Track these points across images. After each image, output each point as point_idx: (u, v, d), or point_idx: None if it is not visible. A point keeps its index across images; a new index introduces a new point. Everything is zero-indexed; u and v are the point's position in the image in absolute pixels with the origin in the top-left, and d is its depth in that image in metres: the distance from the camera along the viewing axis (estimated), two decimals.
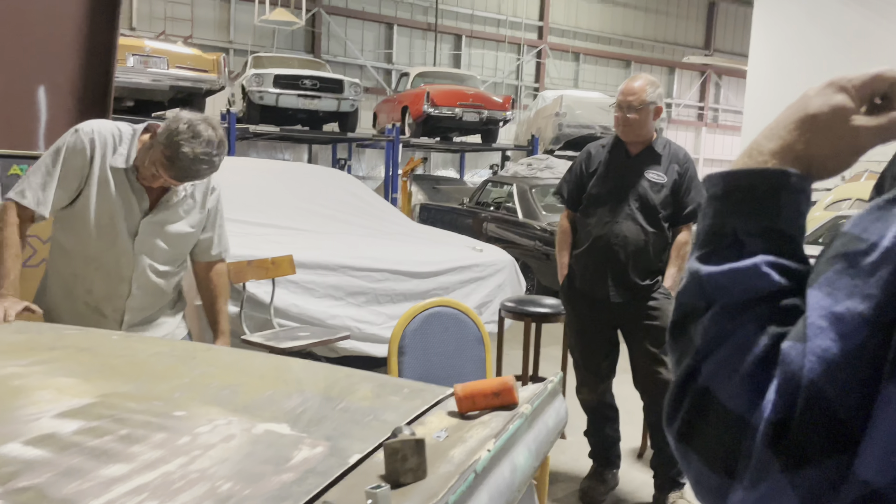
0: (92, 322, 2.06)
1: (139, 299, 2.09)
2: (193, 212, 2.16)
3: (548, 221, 6.78)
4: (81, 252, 2.02)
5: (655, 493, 2.98)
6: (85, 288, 2.05)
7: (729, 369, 0.53)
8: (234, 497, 0.84)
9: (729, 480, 0.52)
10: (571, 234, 3.01)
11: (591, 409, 3.07)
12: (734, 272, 0.55)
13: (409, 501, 0.89)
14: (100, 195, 1.97)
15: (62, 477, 0.84)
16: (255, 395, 1.23)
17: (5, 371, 1.25)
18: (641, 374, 2.88)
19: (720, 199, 0.59)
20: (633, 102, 2.75)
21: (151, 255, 2.08)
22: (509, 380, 1.30)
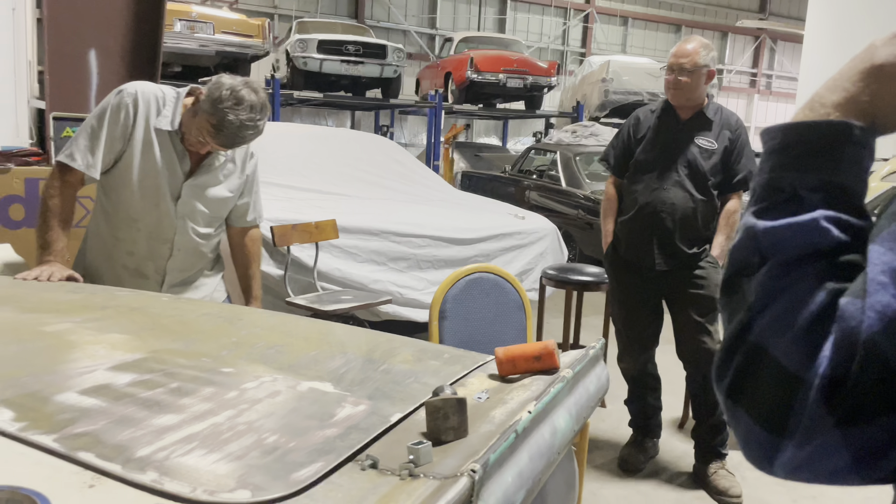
0: (132, 283, 2.10)
1: (180, 261, 2.12)
2: (233, 176, 2.18)
3: (591, 190, 6.69)
4: (124, 214, 2.04)
5: (696, 464, 2.97)
6: (126, 250, 2.08)
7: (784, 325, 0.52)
8: (280, 448, 0.87)
9: (778, 438, 0.51)
10: (617, 201, 2.96)
11: (632, 378, 3.06)
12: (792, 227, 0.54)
13: (450, 458, 0.90)
14: (144, 157, 1.99)
15: (116, 425, 0.87)
16: (300, 356, 1.25)
17: (61, 327, 1.29)
18: (685, 343, 2.84)
19: (779, 152, 0.58)
20: (685, 65, 2.67)
21: (192, 218, 2.10)
22: (550, 344, 1.30)
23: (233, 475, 0.79)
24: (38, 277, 1.80)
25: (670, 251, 2.77)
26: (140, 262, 2.10)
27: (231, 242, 2.35)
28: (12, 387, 0.96)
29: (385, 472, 0.86)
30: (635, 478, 2.97)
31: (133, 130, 1.97)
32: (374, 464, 0.87)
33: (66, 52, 3.62)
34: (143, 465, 0.79)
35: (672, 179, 2.75)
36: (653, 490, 2.88)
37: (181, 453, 0.82)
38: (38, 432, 0.83)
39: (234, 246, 2.35)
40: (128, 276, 2.10)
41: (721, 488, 2.82)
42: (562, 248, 4.81)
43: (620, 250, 2.92)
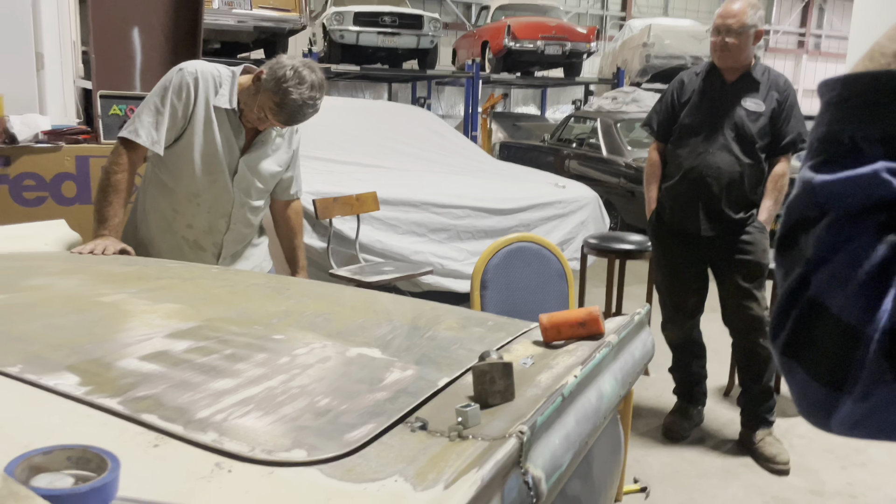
0: (190, 255, 2.18)
1: (235, 233, 2.20)
2: (281, 151, 2.23)
3: (633, 157, 6.59)
4: (185, 189, 2.11)
5: (742, 431, 2.94)
6: (185, 223, 2.15)
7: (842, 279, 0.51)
8: (333, 411, 0.89)
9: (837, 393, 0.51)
10: (660, 167, 2.91)
11: (676, 346, 3.04)
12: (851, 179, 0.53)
13: (497, 421, 0.91)
14: (205, 134, 2.05)
15: (176, 388, 0.91)
16: (347, 323, 1.27)
17: (118, 297, 1.34)
18: (731, 309, 2.81)
19: (837, 104, 0.56)
20: (732, 25, 2.60)
21: (247, 192, 2.17)
22: (595, 310, 1.30)
23: (288, 436, 0.82)
24: (93, 251, 1.86)
25: (716, 216, 2.73)
26: (199, 235, 2.17)
27: (275, 216, 2.40)
28: (76, 353, 1.00)
29: (434, 433, 0.88)
30: (680, 445, 2.96)
31: (194, 108, 2.03)
32: (423, 425, 0.89)
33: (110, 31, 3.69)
34: (204, 426, 0.82)
35: (718, 143, 2.70)
36: (698, 457, 2.87)
37: (238, 415, 0.85)
38: (102, 396, 0.87)
39: (277, 219, 2.40)
40: (187, 249, 2.18)
41: (768, 455, 2.79)
42: (603, 216, 4.76)
43: (665, 216, 2.88)
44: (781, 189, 2.74)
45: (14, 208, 3.12)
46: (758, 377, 2.82)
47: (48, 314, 1.18)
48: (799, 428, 3.13)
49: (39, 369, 0.93)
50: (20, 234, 2.04)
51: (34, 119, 3.20)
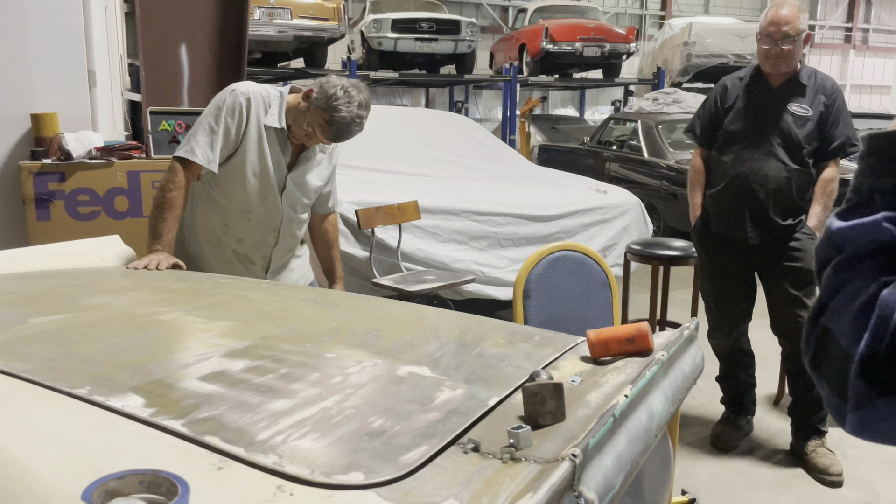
0: (239, 268, 2.25)
1: (283, 247, 2.27)
2: (322, 166, 2.31)
3: (675, 159, 6.50)
4: (237, 205, 2.18)
5: (793, 441, 2.89)
6: (236, 238, 2.23)
7: (842, 311, 0.62)
8: (387, 432, 0.91)
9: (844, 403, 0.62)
10: (704, 173, 2.88)
11: (724, 354, 2.99)
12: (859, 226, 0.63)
13: (549, 442, 0.92)
14: (258, 152, 2.13)
15: (236, 409, 0.94)
16: (396, 340, 1.29)
17: (174, 315, 1.38)
18: (780, 318, 2.75)
19: (863, 158, 0.66)
20: (789, 32, 2.55)
21: (294, 207, 2.24)
22: (644, 326, 1.29)
23: (345, 457, 0.84)
24: (147, 266, 1.93)
25: (763, 224, 2.68)
26: (249, 249, 2.24)
27: (312, 229, 2.47)
28: (140, 374, 1.04)
29: (487, 455, 0.89)
30: (729, 455, 2.91)
31: (247, 127, 2.10)
32: (475, 447, 0.90)
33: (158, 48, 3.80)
34: (264, 447, 0.84)
35: (764, 149, 2.65)
36: (748, 468, 2.82)
37: (296, 437, 0.88)
38: (167, 417, 0.90)
39: (315, 231, 2.48)
40: (237, 262, 2.25)
41: (821, 466, 2.73)
42: (646, 221, 4.71)
43: (710, 224, 2.84)
44: (831, 194, 2.68)
45: (70, 222, 3.23)
46: (809, 387, 2.76)
47: (111, 333, 1.22)
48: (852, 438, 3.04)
49: (106, 391, 0.97)
50: (78, 251, 2.12)
51: (87, 136, 3.31)
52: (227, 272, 2.23)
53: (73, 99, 3.54)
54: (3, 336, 1.18)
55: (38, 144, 3.32)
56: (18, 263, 1.93)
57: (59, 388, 0.97)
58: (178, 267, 1.98)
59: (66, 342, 1.16)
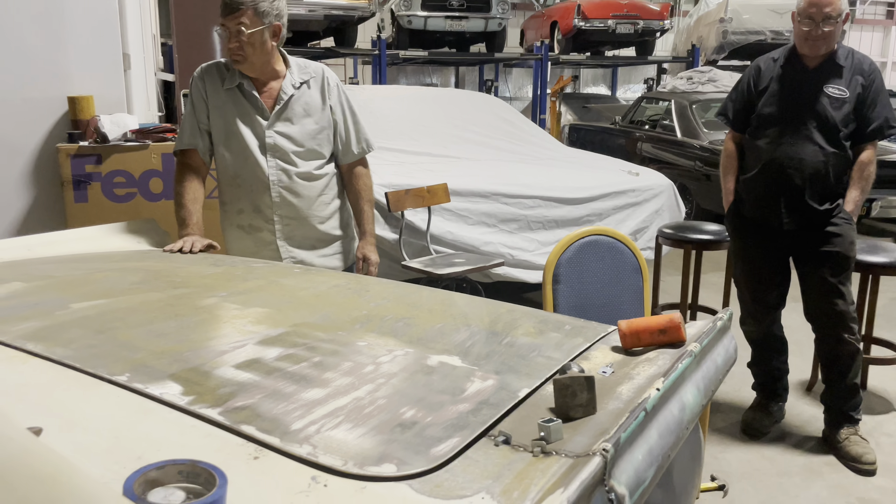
0: (250, 240, 2.27)
1: (285, 207, 2.23)
2: (314, 109, 2.26)
3: (709, 140, 6.39)
4: (225, 176, 2.24)
5: (826, 429, 2.85)
6: (236, 209, 2.26)
7: None
8: (419, 423, 0.92)
9: None
10: (737, 157, 2.83)
11: (756, 341, 2.95)
12: None
13: (580, 436, 0.92)
14: (223, 119, 2.18)
15: (270, 398, 0.96)
16: (427, 328, 1.30)
17: (210, 301, 1.41)
18: (815, 305, 2.71)
19: None
20: (830, 13, 2.47)
21: (285, 159, 2.21)
22: (676, 317, 1.28)
23: (377, 449, 0.85)
24: (181, 249, 1.96)
25: (799, 209, 2.63)
26: (251, 218, 2.26)
27: (343, 180, 2.41)
28: (177, 361, 1.06)
29: (517, 448, 0.90)
30: (760, 442, 2.89)
31: (208, 99, 2.19)
32: (506, 440, 0.91)
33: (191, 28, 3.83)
34: (299, 438, 0.86)
35: (800, 133, 2.59)
36: (779, 455, 2.80)
37: (330, 427, 0.89)
38: (204, 406, 0.93)
39: (345, 183, 2.42)
40: (244, 235, 2.28)
41: (854, 455, 2.70)
42: (679, 204, 4.65)
43: (744, 210, 2.79)
44: (868, 177, 2.62)
45: (106, 204, 3.29)
46: (842, 374, 2.72)
47: (148, 320, 1.25)
48: (887, 426, 3.01)
49: (145, 378, 1.00)
50: (114, 233, 2.16)
51: (123, 118, 3.36)
52: (244, 248, 2.27)
53: (109, 82, 3.59)
54: (45, 321, 1.21)
55: (75, 127, 3.38)
56: (57, 246, 1.98)
57: (100, 375, 1.00)
58: (211, 247, 2.02)
59: (105, 328, 1.19)
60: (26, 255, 1.86)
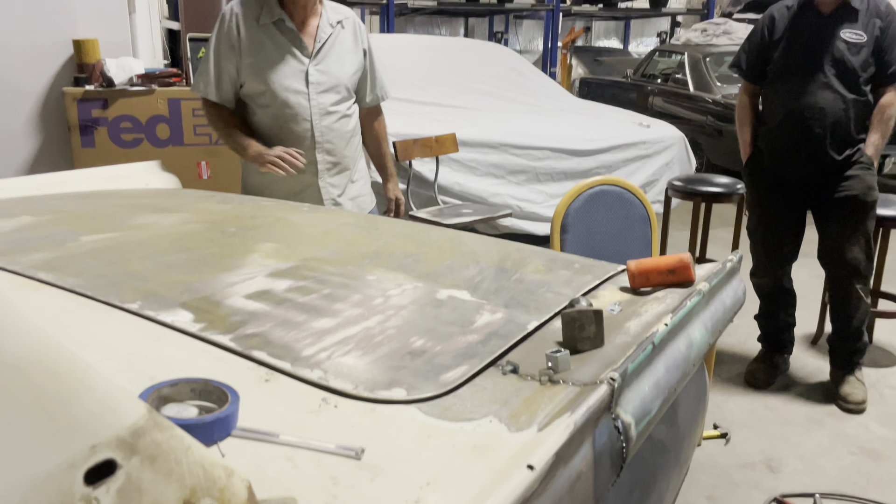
0: (291, 183, 2.21)
1: (326, 145, 2.20)
2: (350, 52, 2.24)
3: (722, 94, 6.29)
4: (264, 117, 2.15)
5: (830, 371, 2.89)
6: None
7: None
8: (428, 352, 0.92)
9: None
10: (752, 109, 2.78)
11: (766, 294, 2.95)
12: None
13: (587, 367, 0.93)
14: (260, 55, 2.09)
15: (281, 327, 0.96)
16: (436, 264, 1.30)
17: (218, 236, 1.41)
18: (830, 251, 2.71)
19: None
20: None
21: (326, 98, 2.17)
22: (686, 257, 1.28)
23: (387, 375, 0.86)
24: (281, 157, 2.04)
25: (820, 160, 2.59)
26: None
27: (361, 125, 2.39)
28: (188, 291, 1.07)
29: (525, 377, 0.90)
30: (763, 392, 2.91)
31: (241, 35, 2.08)
32: (514, 369, 0.92)
33: None
34: (310, 363, 0.87)
35: (818, 82, 2.54)
36: (781, 405, 2.82)
37: (340, 354, 0.90)
38: (215, 332, 0.93)
39: (363, 128, 2.40)
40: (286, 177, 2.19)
41: (843, 393, 2.78)
42: (689, 157, 4.60)
43: (763, 162, 2.76)
44: (888, 121, 2.58)
45: (113, 149, 3.28)
46: (849, 319, 2.75)
47: (158, 252, 1.25)
48: (890, 378, 3.02)
49: (156, 306, 1.00)
50: (121, 175, 2.16)
51: (128, 62, 3.33)
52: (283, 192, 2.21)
53: (113, 25, 3.54)
54: (55, 252, 1.22)
55: (81, 71, 3.35)
56: (65, 186, 1.98)
57: (112, 303, 1.01)
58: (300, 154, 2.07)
59: (116, 260, 1.20)
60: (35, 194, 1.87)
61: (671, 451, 1.29)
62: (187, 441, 0.52)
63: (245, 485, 0.56)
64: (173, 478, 0.50)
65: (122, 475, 0.47)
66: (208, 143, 3.39)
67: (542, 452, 0.69)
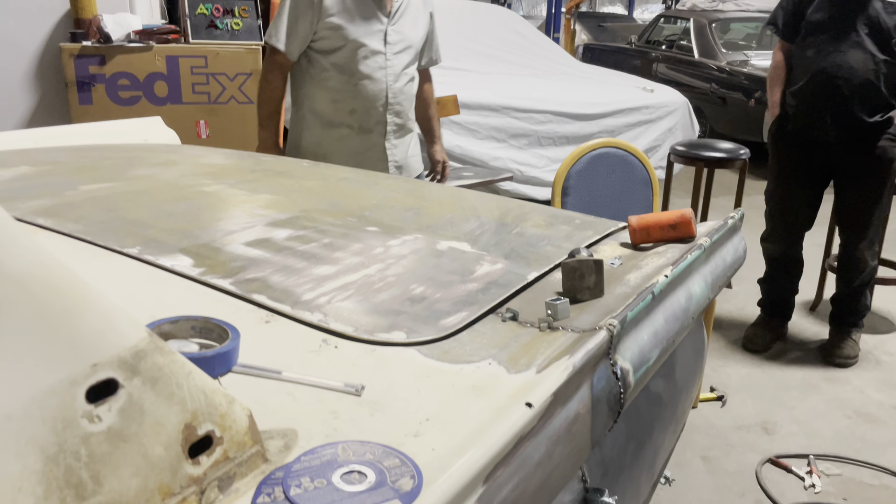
0: (357, 141, 2.19)
1: (396, 107, 2.19)
2: (421, 14, 2.25)
3: (727, 60, 6.22)
4: (338, 76, 2.11)
5: (831, 329, 2.93)
6: (348, 109, 2.15)
7: None
8: (428, 299, 0.92)
9: None
10: (785, 69, 2.75)
11: (775, 259, 2.95)
12: None
13: (587, 315, 0.93)
14: (340, 13, 2.06)
15: (281, 272, 0.96)
16: (436, 218, 1.30)
17: (218, 188, 1.40)
18: (847, 216, 2.73)
19: None
20: None
21: (401, 61, 2.16)
22: (688, 212, 1.27)
23: (387, 319, 0.86)
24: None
25: (846, 122, 2.56)
26: (362, 119, 2.17)
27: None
28: (188, 237, 1.06)
29: (525, 324, 0.90)
30: (760, 357, 2.93)
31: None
32: (514, 316, 0.92)
33: None
34: (310, 307, 0.87)
35: (850, 40, 2.50)
36: (778, 370, 2.84)
37: (340, 299, 0.90)
38: (215, 276, 0.93)
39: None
40: (352, 136, 2.19)
41: (833, 348, 2.85)
42: (693, 122, 4.57)
43: (789, 124, 2.72)
44: None
45: (111, 107, 3.25)
46: (851, 280, 2.80)
47: (157, 202, 1.25)
48: (888, 345, 3.04)
49: (156, 251, 1.00)
50: (120, 130, 2.14)
51: (125, 18, 3.28)
52: (346, 152, 2.18)
53: None
54: (54, 200, 1.21)
55: (77, 26, 3.30)
56: (63, 140, 1.96)
57: (111, 247, 1.00)
58: None
59: (115, 207, 1.19)
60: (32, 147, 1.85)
61: (668, 405, 1.30)
62: (188, 367, 0.52)
63: (246, 413, 0.56)
64: (175, 401, 0.50)
65: (123, 395, 0.47)
66: (207, 102, 3.36)
67: (540, 391, 0.70)
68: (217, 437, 0.52)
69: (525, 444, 0.66)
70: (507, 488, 0.63)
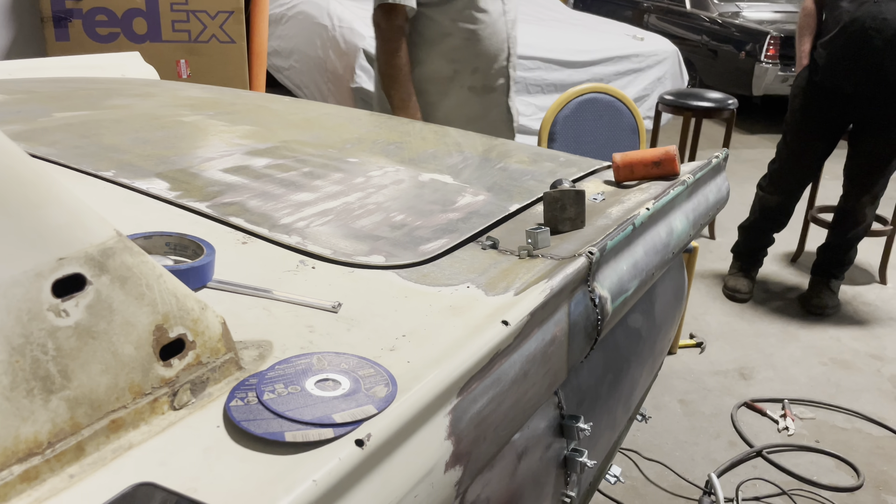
0: (480, 101, 2.04)
1: (515, 59, 2.08)
2: None
3: (719, 11, 6.13)
4: (458, 36, 1.95)
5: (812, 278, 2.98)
6: (469, 69, 2.00)
7: None
8: (408, 226, 0.92)
9: None
10: (816, 17, 2.69)
11: (768, 209, 2.94)
12: None
13: (567, 244, 0.93)
14: None
15: (259, 197, 0.95)
16: (419, 151, 1.28)
17: (197, 118, 1.37)
18: (858, 165, 2.72)
19: None
20: None
21: (514, 8, 2.05)
22: (672, 149, 1.26)
23: (366, 243, 0.85)
24: None
25: (876, 77, 2.52)
26: (486, 77, 2.03)
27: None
28: (164, 163, 1.04)
29: (505, 252, 0.90)
30: (740, 306, 2.97)
31: None
32: (494, 244, 0.91)
33: None
34: (288, 230, 0.86)
35: None
36: (757, 318, 2.88)
37: (319, 224, 0.89)
38: (192, 200, 0.92)
39: None
40: (475, 97, 2.04)
41: (808, 295, 2.90)
42: (682, 72, 4.53)
43: (817, 76, 2.66)
44: None
45: (89, 44, 3.16)
46: (844, 233, 2.82)
47: (134, 129, 1.22)
48: (866, 295, 3.09)
49: (132, 175, 0.98)
50: (98, 65, 2.08)
51: None
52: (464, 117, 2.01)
53: None
54: (27, 126, 1.18)
55: None
56: (39, 73, 1.91)
57: (85, 170, 0.98)
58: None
59: (90, 134, 1.16)
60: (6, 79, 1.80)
61: (646, 341, 1.31)
62: (159, 269, 0.51)
63: (220, 320, 0.55)
64: (145, 301, 0.49)
65: (91, 291, 0.46)
66: (187, 41, 3.27)
67: (517, 311, 0.70)
68: (189, 341, 0.52)
69: (501, 361, 0.67)
70: (481, 402, 0.63)
